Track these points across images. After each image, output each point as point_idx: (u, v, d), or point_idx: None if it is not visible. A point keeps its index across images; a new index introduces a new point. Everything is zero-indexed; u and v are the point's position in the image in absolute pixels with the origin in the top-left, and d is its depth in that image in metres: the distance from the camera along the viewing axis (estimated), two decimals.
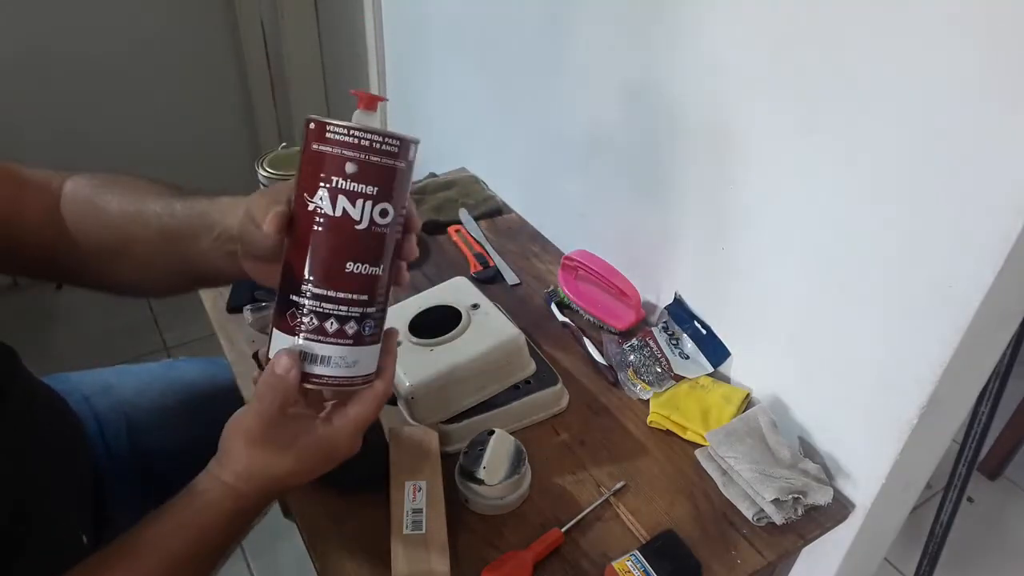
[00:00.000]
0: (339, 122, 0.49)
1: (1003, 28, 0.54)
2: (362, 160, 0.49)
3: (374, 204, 0.49)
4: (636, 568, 0.68)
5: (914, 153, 0.63)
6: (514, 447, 0.75)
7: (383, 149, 0.49)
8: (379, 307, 0.53)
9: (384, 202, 0.50)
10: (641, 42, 0.89)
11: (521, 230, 1.23)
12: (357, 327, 0.51)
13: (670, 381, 0.89)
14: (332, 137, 0.48)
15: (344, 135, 0.48)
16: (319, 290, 0.50)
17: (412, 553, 0.67)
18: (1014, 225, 0.58)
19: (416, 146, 0.51)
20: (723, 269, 0.88)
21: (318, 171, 0.49)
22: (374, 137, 0.48)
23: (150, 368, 0.96)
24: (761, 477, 0.74)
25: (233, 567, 1.46)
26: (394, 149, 0.49)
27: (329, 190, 0.49)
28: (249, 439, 0.53)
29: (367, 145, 0.48)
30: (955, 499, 1.06)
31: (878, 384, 0.73)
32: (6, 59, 1.81)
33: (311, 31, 1.97)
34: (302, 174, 0.50)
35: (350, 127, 0.48)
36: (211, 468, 0.55)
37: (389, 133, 0.49)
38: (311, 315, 0.51)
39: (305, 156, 0.50)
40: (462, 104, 1.38)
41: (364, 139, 0.48)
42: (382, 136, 0.49)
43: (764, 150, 0.78)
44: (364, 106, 0.51)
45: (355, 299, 0.51)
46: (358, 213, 0.49)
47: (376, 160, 0.49)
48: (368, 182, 0.49)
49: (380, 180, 0.49)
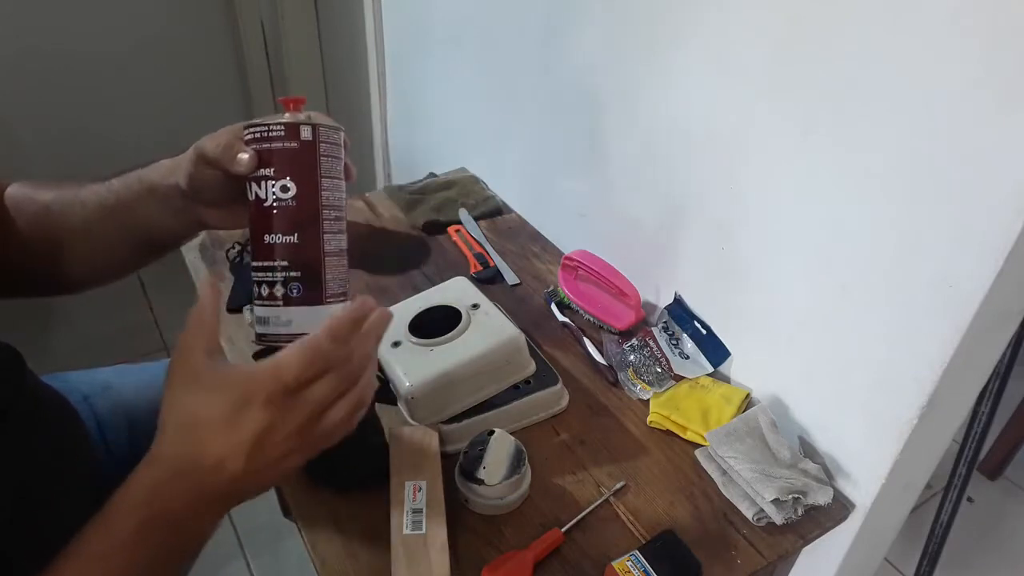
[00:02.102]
0: (245, 123, 0.59)
1: (1003, 28, 0.54)
2: (256, 149, 0.58)
3: (274, 183, 0.58)
4: (636, 568, 0.68)
5: (914, 153, 0.63)
6: (514, 447, 0.75)
7: (270, 135, 0.58)
8: (305, 271, 0.59)
9: (282, 179, 0.58)
10: (641, 42, 0.89)
11: (521, 230, 1.23)
12: (284, 290, 0.59)
13: (670, 381, 0.89)
14: (244, 137, 0.59)
15: (248, 133, 0.59)
16: (255, 262, 0.60)
17: (412, 553, 0.67)
18: (1014, 225, 0.58)
19: (311, 127, 0.58)
20: (723, 269, 0.88)
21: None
22: (262, 127, 0.58)
23: (150, 368, 0.96)
24: (761, 477, 0.74)
25: (233, 567, 1.46)
26: (280, 133, 0.58)
27: (248, 180, 0.59)
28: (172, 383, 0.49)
29: (258, 135, 0.58)
30: (955, 499, 1.06)
31: (878, 384, 0.73)
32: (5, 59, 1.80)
33: (311, 31, 1.97)
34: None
35: (248, 124, 0.58)
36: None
37: (275, 120, 0.58)
38: (255, 285, 0.60)
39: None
40: (462, 104, 1.38)
41: (256, 131, 0.58)
42: (268, 125, 0.58)
43: (764, 150, 0.78)
44: (291, 109, 0.59)
45: (277, 265, 0.59)
46: (264, 193, 0.58)
47: (267, 146, 0.58)
48: (264, 166, 0.58)
49: (272, 162, 0.58)
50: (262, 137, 0.58)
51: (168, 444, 0.50)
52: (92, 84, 1.94)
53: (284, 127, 0.57)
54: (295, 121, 0.58)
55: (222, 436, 0.48)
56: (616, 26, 0.92)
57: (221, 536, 1.50)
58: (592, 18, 0.96)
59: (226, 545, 1.49)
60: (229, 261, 1.07)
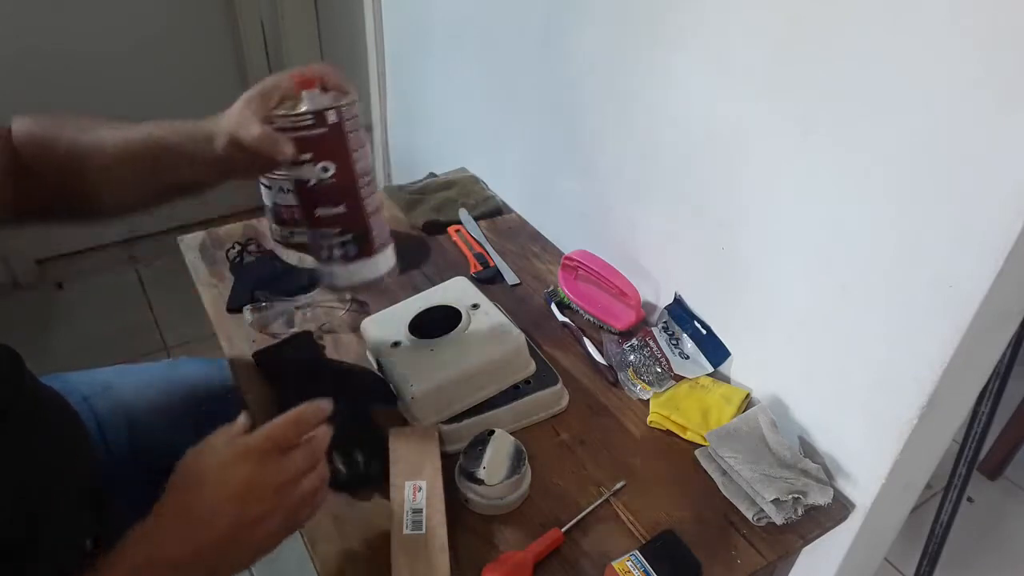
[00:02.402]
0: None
1: (1003, 28, 0.54)
2: (294, 137, 0.62)
3: (313, 166, 0.64)
4: (636, 568, 0.68)
5: (914, 153, 0.63)
6: (514, 447, 0.75)
7: (300, 125, 0.63)
8: (355, 233, 0.68)
9: (321, 162, 0.64)
10: (642, 42, 0.89)
11: (521, 230, 1.23)
12: (342, 251, 0.69)
13: (670, 381, 0.89)
14: (273, 126, 0.63)
15: (277, 123, 0.62)
16: (311, 230, 0.69)
17: (412, 553, 0.67)
18: (1014, 225, 0.58)
19: (335, 110, 0.64)
20: (723, 269, 0.88)
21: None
22: (291, 118, 0.63)
23: (150, 368, 0.96)
24: (761, 477, 0.74)
25: None
26: (310, 121, 0.63)
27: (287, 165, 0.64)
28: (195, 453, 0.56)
29: (288, 126, 0.63)
30: (955, 499, 1.06)
31: (878, 384, 0.73)
32: (5, 59, 1.80)
33: (311, 31, 1.97)
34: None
35: (279, 115, 0.63)
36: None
37: (302, 113, 0.63)
38: (316, 250, 0.70)
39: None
40: (462, 104, 1.38)
41: (286, 122, 0.63)
42: (296, 115, 0.63)
43: (764, 150, 0.78)
44: (304, 88, 0.64)
45: (331, 232, 0.68)
46: (305, 175, 0.65)
47: (300, 134, 0.63)
48: (300, 152, 0.63)
49: (308, 148, 0.63)
50: (293, 127, 0.63)
51: (172, 497, 0.55)
52: (92, 84, 1.94)
53: (313, 116, 0.63)
54: (321, 108, 0.63)
55: (219, 484, 0.54)
56: (616, 26, 0.92)
57: None
58: (592, 18, 0.96)
59: None
60: (229, 261, 1.07)
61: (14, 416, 0.64)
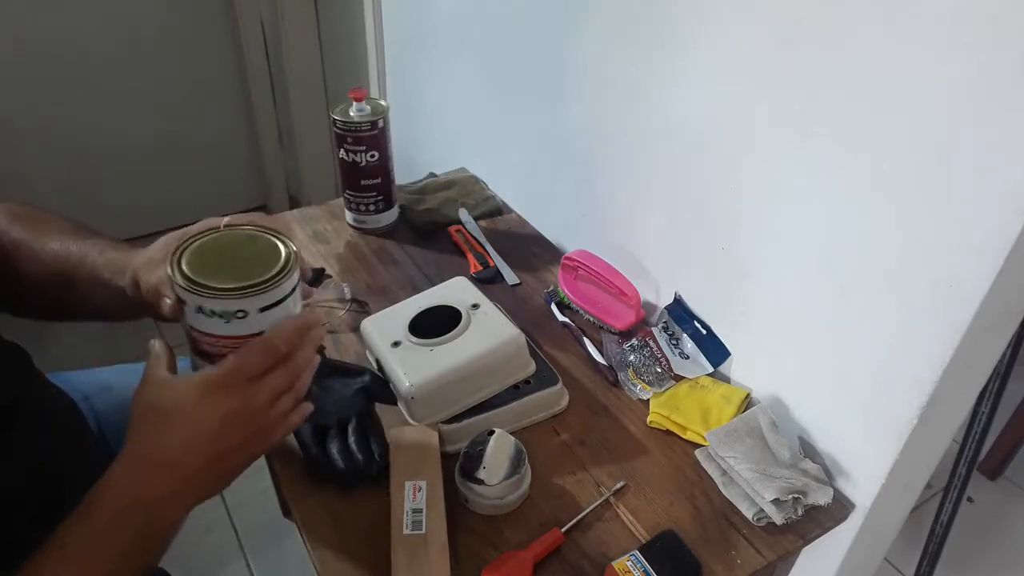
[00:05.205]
0: (336, 117, 1.07)
1: (1003, 28, 0.54)
2: (353, 136, 1.07)
3: (364, 153, 1.08)
4: (636, 568, 0.68)
5: (914, 153, 0.63)
6: (514, 447, 0.75)
7: (361, 129, 1.06)
8: (384, 195, 1.14)
9: (370, 151, 1.08)
10: (642, 42, 0.89)
11: (521, 230, 1.23)
12: (375, 206, 1.15)
13: (670, 381, 0.89)
14: (336, 130, 1.08)
15: (341, 127, 1.07)
16: (353, 194, 1.14)
17: (412, 553, 0.67)
18: (1014, 225, 0.58)
19: (383, 118, 1.07)
20: (723, 269, 0.88)
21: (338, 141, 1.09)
22: (353, 124, 1.06)
23: None
24: (761, 477, 0.74)
25: (233, 567, 1.46)
26: (368, 126, 1.06)
27: (346, 150, 1.09)
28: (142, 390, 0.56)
29: (352, 128, 1.06)
30: (955, 499, 1.06)
31: (878, 384, 0.73)
32: (5, 58, 1.80)
33: (311, 31, 1.97)
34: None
35: (337, 120, 1.07)
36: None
37: (359, 123, 1.06)
38: (357, 206, 1.15)
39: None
40: (462, 104, 1.38)
41: (350, 126, 1.06)
42: (358, 123, 1.06)
43: (764, 150, 0.78)
44: (356, 99, 1.06)
45: (369, 196, 1.13)
46: (359, 159, 1.09)
47: (360, 134, 1.07)
48: (356, 144, 1.08)
49: (363, 143, 1.08)
50: (356, 130, 1.06)
51: (143, 437, 0.55)
52: (92, 83, 1.94)
53: (371, 124, 1.06)
54: (374, 117, 1.06)
55: (192, 423, 0.54)
56: (617, 26, 0.92)
57: (221, 536, 1.50)
58: (593, 18, 0.96)
59: (226, 545, 1.49)
60: None
61: (25, 412, 0.65)
